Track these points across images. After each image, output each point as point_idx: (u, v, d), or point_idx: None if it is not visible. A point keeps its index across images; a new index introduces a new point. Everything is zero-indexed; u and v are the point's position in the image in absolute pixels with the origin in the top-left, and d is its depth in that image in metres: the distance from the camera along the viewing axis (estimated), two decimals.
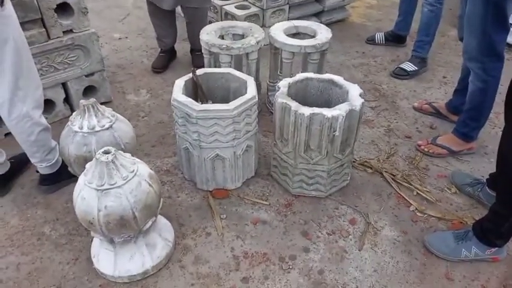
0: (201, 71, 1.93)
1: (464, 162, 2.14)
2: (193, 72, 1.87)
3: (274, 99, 1.77)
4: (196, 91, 1.91)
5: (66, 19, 2.13)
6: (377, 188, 1.98)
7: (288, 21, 2.46)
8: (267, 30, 2.33)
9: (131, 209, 1.34)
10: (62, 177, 1.86)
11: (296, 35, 2.36)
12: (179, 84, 1.81)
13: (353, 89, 1.79)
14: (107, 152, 1.34)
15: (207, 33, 2.20)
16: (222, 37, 2.29)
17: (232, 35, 2.33)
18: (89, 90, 2.40)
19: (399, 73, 2.88)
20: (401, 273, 1.60)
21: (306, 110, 1.65)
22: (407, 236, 1.74)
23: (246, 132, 1.80)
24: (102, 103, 2.48)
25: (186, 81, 1.85)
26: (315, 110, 1.65)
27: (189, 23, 2.74)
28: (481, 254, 1.61)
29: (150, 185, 1.41)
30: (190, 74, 1.87)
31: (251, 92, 1.77)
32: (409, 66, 2.88)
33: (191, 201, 1.89)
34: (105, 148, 1.36)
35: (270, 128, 2.18)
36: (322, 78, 1.89)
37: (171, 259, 1.62)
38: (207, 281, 1.55)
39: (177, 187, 1.96)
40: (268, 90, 2.51)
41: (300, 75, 1.90)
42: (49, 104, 2.25)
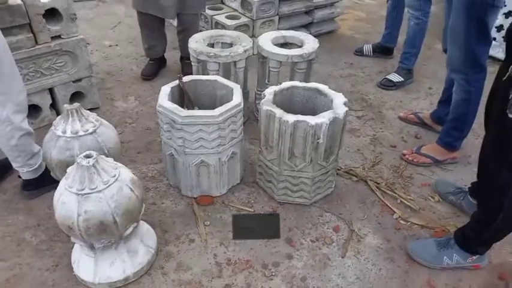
0: (188, 78, 1.94)
1: (447, 171, 2.17)
2: (180, 78, 1.88)
3: (260, 107, 1.78)
4: (183, 98, 1.92)
5: (55, 25, 2.14)
6: (361, 196, 1.99)
7: (277, 31, 2.49)
8: (257, 40, 2.36)
9: (112, 214, 1.34)
10: (45, 182, 1.84)
11: (285, 45, 2.39)
12: (165, 90, 1.82)
13: (337, 97, 1.81)
14: (88, 156, 1.34)
15: (196, 41, 2.22)
16: (212, 45, 2.31)
17: (221, 44, 2.35)
18: (76, 96, 2.39)
19: (386, 84, 2.92)
20: (384, 280, 1.60)
21: (290, 118, 1.66)
22: (390, 244, 1.75)
23: (231, 139, 1.81)
24: (89, 109, 2.45)
25: (173, 88, 1.86)
26: (299, 117, 1.66)
27: (182, 30, 2.75)
28: (463, 262, 1.62)
29: (132, 190, 1.40)
30: (177, 81, 1.88)
31: (237, 99, 1.78)
32: (395, 77, 2.93)
33: (175, 207, 1.88)
34: (86, 152, 1.35)
35: (257, 136, 2.18)
36: (308, 86, 1.91)
37: (153, 266, 1.60)
38: None
39: (161, 193, 1.95)
40: (256, 98, 2.53)
41: (286, 84, 1.92)
42: (35, 109, 2.24)
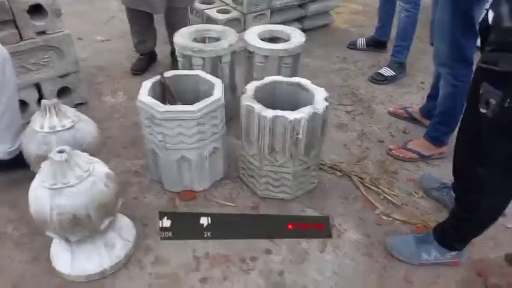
0: (170, 73, 1.94)
1: (434, 167, 2.15)
2: (161, 74, 1.88)
3: (240, 102, 1.78)
4: (165, 93, 1.92)
5: (40, 20, 2.14)
6: (344, 191, 1.98)
7: (263, 25, 2.47)
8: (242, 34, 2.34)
9: (85, 208, 1.35)
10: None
11: (274, 39, 2.38)
12: (146, 85, 1.82)
13: (319, 92, 1.80)
14: (61, 151, 1.34)
15: (181, 36, 2.22)
16: (200, 40, 2.30)
17: (208, 39, 2.35)
18: (63, 91, 2.40)
19: (377, 78, 2.90)
20: (361, 275, 1.60)
21: (269, 113, 1.66)
22: (370, 239, 1.75)
23: (212, 134, 1.81)
24: (77, 104, 2.50)
25: (154, 83, 1.86)
26: (278, 112, 1.66)
27: (171, 25, 2.73)
28: (441, 258, 1.61)
29: (106, 184, 1.41)
30: (159, 76, 1.88)
31: (217, 94, 1.78)
32: (387, 72, 2.90)
33: (158, 202, 1.89)
34: (60, 147, 1.36)
35: None
36: (290, 81, 1.91)
37: (131, 259, 1.62)
38: (166, 281, 1.55)
39: (144, 188, 1.96)
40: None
41: (268, 79, 1.92)
42: (22, 105, 2.25)
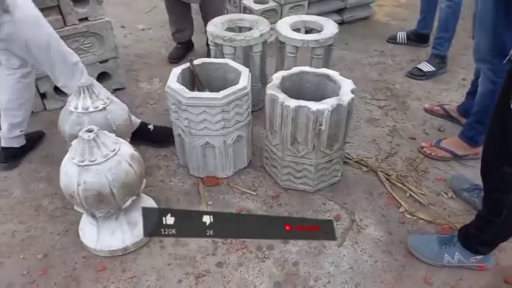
0: (199, 61, 1.98)
1: (467, 167, 2.06)
2: (191, 61, 1.92)
3: (266, 91, 1.78)
4: (194, 80, 1.97)
5: (82, 7, 2.26)
6: (369, 187, 1.94)
7: (296, 15, 2.45)
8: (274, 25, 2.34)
9: (109, 185, 1.42)
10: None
11: (309, 31, 2.36)
12: (175, 72, 1.87)
13: (346, 84, 1.77)
14: (90, 131, 1.42)
15: (214, 25, 2.25)
16: (237, 30, 2.33)
17: (240, 28, 2.37)
18: (103, 77, 2.52)
19: (415, 73, 2.79)
20: (378, 272, 1.57)
21: (292, 102, 1.65)
22: (391, 237, 1.71)
23: (236, 122, 1.83)
24: (115, 89, 2.61)
25: (183, 70, 1.91)
26: (301, 102, 1.65)
27: (206, 15, 2.78)
28: (465, 261, 1.55)
29: (131, 165, 1.48)
30: (188, 64, 1.93)
31: (243, 83, 1.79)
32: (426, 67, 2.79)
33: (182, 186, 1.95)
34: (89, 127, 1.44)
35: None
36: (318, 72, 1.88)
37: (153, 239, 1.68)
38: (183, 262, 1.60)
39: (171, 172, 2.03)
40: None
41: (295, 69, 1.91)
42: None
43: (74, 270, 1.57)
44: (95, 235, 1.60)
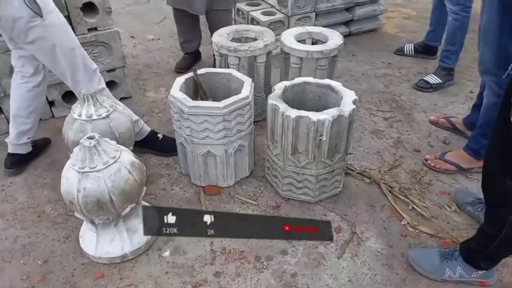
0: (203, 70, 2.00)
1: (472, 181, 2.02)
2: (194, 71, 1.94)
3: (267, 101, 1.79)
4: (198, 90, 1.99)
5: (92, 17, 2.31)
6: (371, 199, 1.92)
7: (302, 27, 2.47)
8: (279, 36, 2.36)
9: (108, 192, 1.43)
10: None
11: (315, 42, 2.37)
12: (179, 81, 1.89)
13: (348, 95, 1.77)
14: (91, 138, 1.44)
15: (219, 36, 2.28)
16: (242, 40, 2.35)
17: (246, 39, 2.39)
18: (110, 85, 2.54)
19: (422, 85, 2.78)
20: (377, 286, 1.55)
21: (293, 112, 1.65)
22: (392, 250, 1.68)
23: (237, 131, 1.84)
24: (122, 98, 2.64)
25: (187, 79, 1.93)
26: (302, 113, 1.65)
27: (212, 26, 2.81)
28: (467, 276, 1.51)
29: (130, 172, 1.49)
30: (192, 73, 1.95)
31: (245, 93, 1.80)
32: (433, 79, 2.77)
33: (184, 194, 1.96)
34: (90, 134, 1.46)
35: None
36: (320, 83, 1.89)
37: (152, 247, 1.69)
38: (181, 271, 1.60)
39: (173, 180, 2.04)
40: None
41: (298, 79, 1.91)
42: (70, 97, 2.43)
43: (73, 276, 1.58)
44: (94, 242, 1.61)
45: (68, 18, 2.22)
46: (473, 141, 2.04)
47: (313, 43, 2.41)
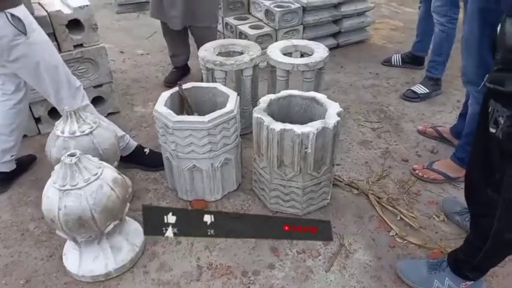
0: (188, 85, 2.00)
1: (460, 190, 2.02)
2: (179, 85, 1.94)
3: (253, 114, 1.79)
4: (183, 104, 1.98)
5: (77, 34, 2.31)
6: (359, 210, 1.91)
7: (287, 40, 2.49)
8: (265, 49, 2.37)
9: (90, 210, 1.41)
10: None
11: (303, 55, 2.39)
12: (164, 96, 1.89)
13: (332, 107, 1.77)
14: (72, 155, 1.43)
15: (205, 50, 2.29)
16: (228, 54, 2.36)
17: (232, 53, 2.40)
18: (97, 101, 2.55)
19: (409, 95, 2.79)
20: None
21: (277, 126, 1.65)
22: (380, 262, 1.67)
23: (223, 145, 1.83)
24: (109, 113, 2.64)
25: (172, 94, 1.93)
26: (287, 125, 1.65)
27: (197, 41, 2.82)
28: (455, 287, 1.50)
29: (113, 189, 1.47)
30: (177, 88, 1.95)
31: (229, 107, 1.80)
32: (420, 89, 2.79)
33: None
34: (71, 151, 1.45)
35: None
36: (305, 95, 1.89)
37: (137, 264, 1.66)
38: None
39: (159, 195, 2.02)
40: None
41: (283, 92, 1.92)
42: (56, 113, 2.41)
43: None
44: (77, 260, 1.59)
45: (54, 35, 2.22)
46: (460, 150, 2.04)
47: (301, 55, 2.42)
